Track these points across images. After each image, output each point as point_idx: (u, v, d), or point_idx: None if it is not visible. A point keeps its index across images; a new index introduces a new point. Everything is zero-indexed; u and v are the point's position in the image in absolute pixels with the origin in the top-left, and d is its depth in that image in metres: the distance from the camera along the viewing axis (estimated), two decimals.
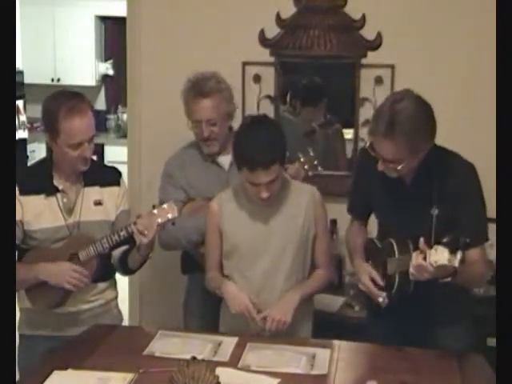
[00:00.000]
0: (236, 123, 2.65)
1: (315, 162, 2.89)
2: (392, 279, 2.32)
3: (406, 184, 2.40)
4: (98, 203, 2.61)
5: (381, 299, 2.34)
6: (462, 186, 2.31)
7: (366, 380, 2.10)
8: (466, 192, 2.30)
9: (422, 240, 2.13)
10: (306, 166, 2.87)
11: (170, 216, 2.47)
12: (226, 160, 2.90)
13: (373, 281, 2.37)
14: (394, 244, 2.33)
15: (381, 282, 2.35)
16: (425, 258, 2.08)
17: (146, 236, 2.45)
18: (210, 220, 2.60)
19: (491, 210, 2.26)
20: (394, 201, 2.41)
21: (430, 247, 2.09)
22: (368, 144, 2.32)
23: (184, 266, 3.08)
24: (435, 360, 2.29)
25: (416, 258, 2.12)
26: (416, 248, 2.17)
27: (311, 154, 2.89)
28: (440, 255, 2.04)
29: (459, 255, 2.01)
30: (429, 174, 2.33)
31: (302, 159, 2.87)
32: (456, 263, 2.01)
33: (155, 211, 2.47)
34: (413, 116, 2.20)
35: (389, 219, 2.45)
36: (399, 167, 2.25)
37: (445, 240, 2.04)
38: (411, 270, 2.14)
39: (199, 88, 2.81)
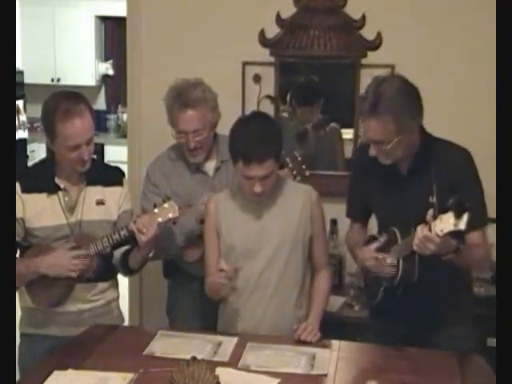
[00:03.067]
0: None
1: (303, 167, 2.88)
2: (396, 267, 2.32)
3: (403, 175, 2.41)
4: (100, 203, 2.61)
5: (389, 267, 2.32)
6: (460, 171, 2.32)
7: (365, 380, 2.10)
8: (464, 177, 2.31)
9: (430, 212, 2.10)
10: (294, 172, 2.87)
11: (170, 215, 2.47)
12: (210, 166, 2.88)
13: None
14: (397, 231, 2.32)
15: (383, 256, 2.34)
16: (430, 230, 2.07)
17: (145, 234, 2.45)
18: (207, 221, 2.60)
19: (491, 210, 2.26)
20: (393, 193, 2.41)
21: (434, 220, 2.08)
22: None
23: (166, 269, 3.07)
24: (435, 360, 2.29)
25: (421, 231, 2.11)
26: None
27: (299, 159, 2.89)
28: (445, 223, 2.02)
29: (465, 217, 1.97)
30: (425, 163, 2.35)
31: (290, 165, 2.86)
32: (462, 226, 1.98)
33: (156, 210, 2.47)
34: (395, 93, 2.25)
35: (389, 212, 2.45)
36: (389, 147, 2.26)
37: (449, 203, 2.01)
38: (416, 242, 2.11)
39: (185, 98, 2.73)
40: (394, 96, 2.24)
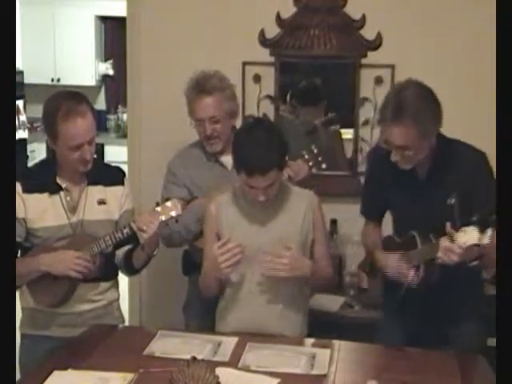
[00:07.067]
0: (236, 124, 2.65)
1: (319, 159, 2.89)
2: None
3: (420, 178, 2.43)
4: (102, 202, 2.61)
5: (411, 277, 2.35)
6: (477, 174, 2.34)
7: (366, 380, 2.10)
8: (481, 180, 2.33)
9: (448, 224, 2.15)
10: (310, 163, 2.87)
11: (173, 213, 2.47)
12: (229, 159, 2.88)
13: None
14: (417, 236, 2.35)
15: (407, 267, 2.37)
16: (453, 241, 2.11)
17: (146, 232, 2.44)
18: (207, 224, 2.59)
19: None
20: (410, 196, 2.43)
21: (456, 231, 2.12)
22: (378, 139, 2.35)
23: (185, 267, 3.08)
24: (435, 360, 2.29)
25: (444, 242, 2.15)
26: (438, 237, 2.20)
27: (315, 151, 2.89)
28: (469, 236, 2.06)
29: (489, 232, 2.02)
30: (443, 166, 2.37)
31: (306, 156, 2.87)
32: (486, 240, 2.02)
33: (158, 208, 2.47)
34: (417, 99, 2.28)
35: (406, 215, 2.47)
36: (411, 153, 2.29)
37: (474, 218, 2.06)
38: (440, 254, 2.16)
39: (201, 86, 2.83)
40: (415, 101, 2.27)
